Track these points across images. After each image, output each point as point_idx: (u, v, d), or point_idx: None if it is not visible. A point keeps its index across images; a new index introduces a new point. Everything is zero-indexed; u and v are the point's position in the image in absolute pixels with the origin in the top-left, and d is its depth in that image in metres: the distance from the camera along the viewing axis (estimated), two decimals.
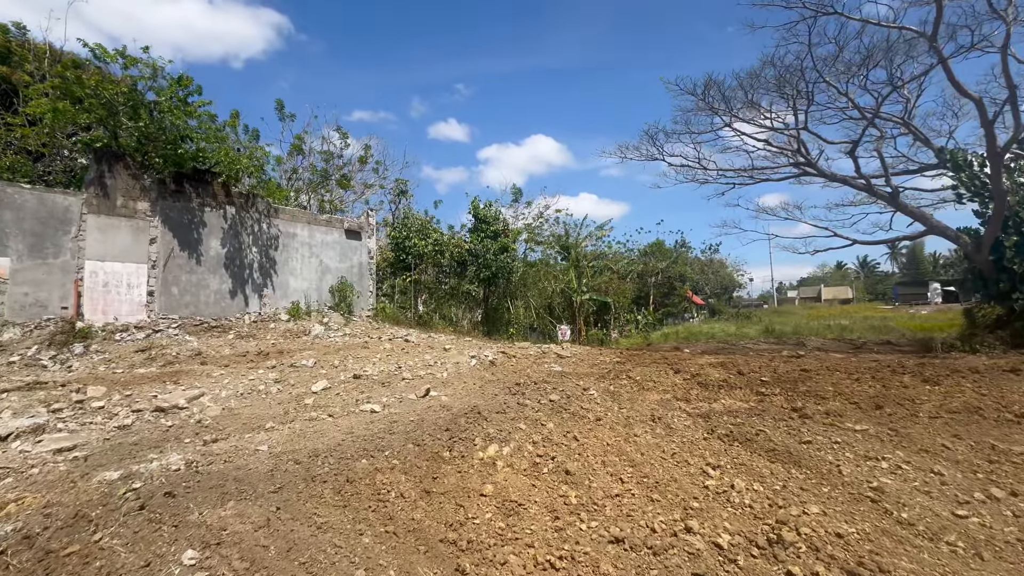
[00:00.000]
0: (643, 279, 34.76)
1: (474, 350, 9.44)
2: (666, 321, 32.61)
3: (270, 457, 4.37)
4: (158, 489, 3.68)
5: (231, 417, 5.62)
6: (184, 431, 5.16)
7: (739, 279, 58.20)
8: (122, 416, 5.68)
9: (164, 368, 7.94)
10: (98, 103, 10.45)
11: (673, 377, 6.93)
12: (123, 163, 11.00)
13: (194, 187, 12.12)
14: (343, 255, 15.39)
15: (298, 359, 8.34)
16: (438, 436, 4.80)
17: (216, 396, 6.42)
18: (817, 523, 2.81)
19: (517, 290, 23.68)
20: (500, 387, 6.61)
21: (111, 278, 10.62)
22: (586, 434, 4.99)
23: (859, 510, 3.02)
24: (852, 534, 2.71)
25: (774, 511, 3.03)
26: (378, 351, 9.34)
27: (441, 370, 7.58)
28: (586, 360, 8.56)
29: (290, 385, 6.93)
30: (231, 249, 12.66)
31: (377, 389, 6.62)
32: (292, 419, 5.53)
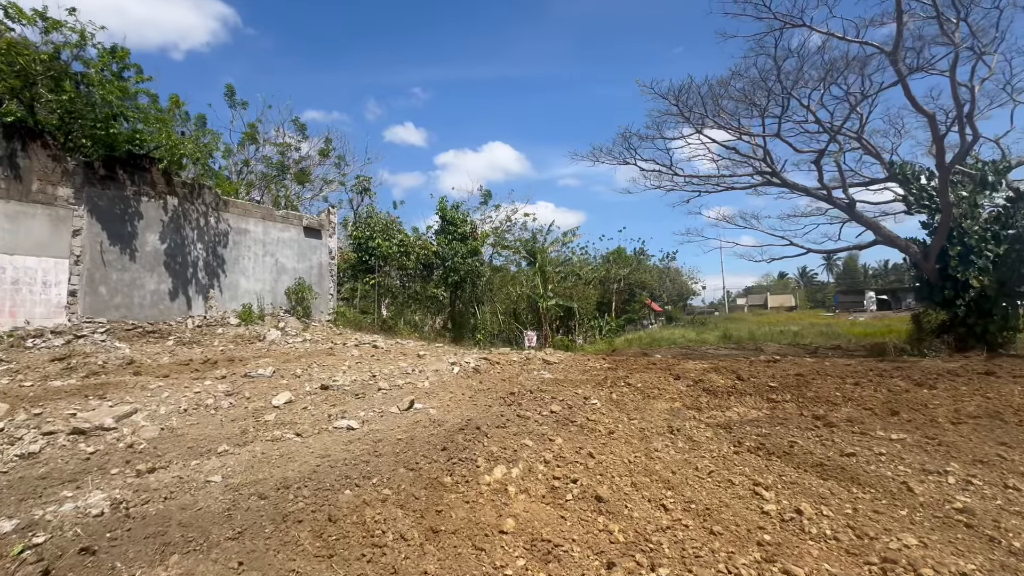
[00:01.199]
0: (605, 285, 35.04)
1: (452, 356, 8.69)
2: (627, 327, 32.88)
3: (226, 491, 3.49)
4: (70, 544, 2.75)
5: (173, 439, 4.63)
6: (110, 459, 4.15)
7: (693, 287, 60.28)
8: (27, 440, 4.56)
9: (87, 380, 6.68)
10: (10, 70, 8.96)
11: (675, 384, 6.50)
12: (40, 141, 9.49)
13: (128, 173, 10.68)
14: (301, 255, 14.18)
15: (253, 368, 7.29)
16: (434, 457, 4.06)
17: (153, 413, 5.36)
18: (928, 559, 2.35)
19: (484, 295, 23.02)
20: (493, 397, 5.93)
21: (22, 274, 9.06)
22: (601, 450, 4.41)
23: (959, 539, 2.60)
24: (975, 573, 2.26)
25: (868, 544, 2.55)
26: (345, 358, 8.40)
27: (421, 379, 6.80)
28: (576, 366, 8.02)
29: (245, 398, 5.94)
30: (172, 245, 11.26)
31: (351, 402, 5.76)
32: (251, 440, 4.61)
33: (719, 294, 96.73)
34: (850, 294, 62.11)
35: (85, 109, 9.83)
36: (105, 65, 9.91)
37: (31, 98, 9.43)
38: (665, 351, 15.04)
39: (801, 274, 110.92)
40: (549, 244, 27.54)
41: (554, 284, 25.12)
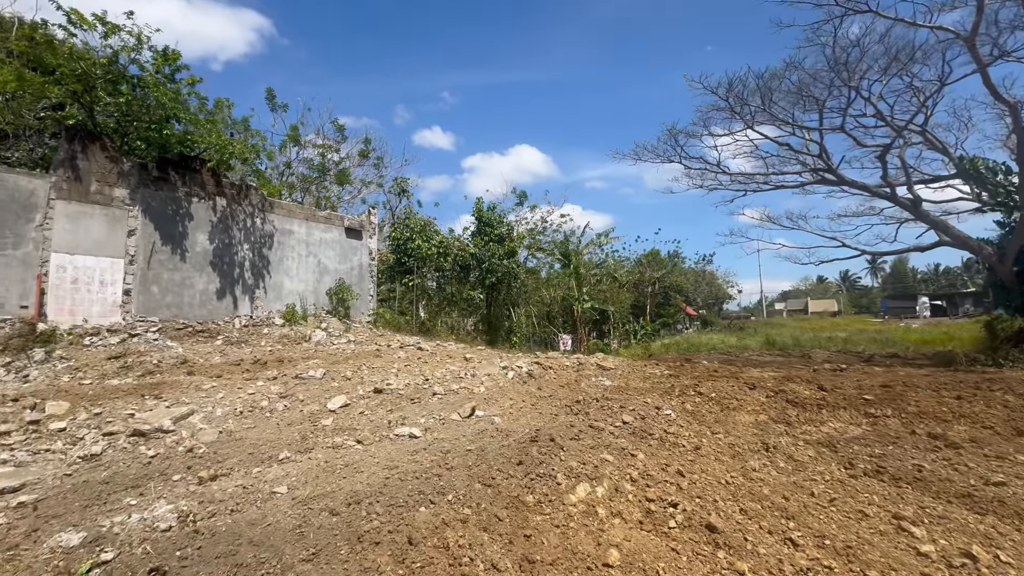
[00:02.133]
0: (639, 289, 34.23)
1: (502, 360, 8.35)
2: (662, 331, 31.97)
3: (294, 504, 3.22)
4: (139, 563, 2.51)
5: (232, 443, 4.44)
6: (172, 463, 3.97)
7: (729, 291, 58.36)
8: (89, 441, 4.45)
9: (143, 379, 6.66)
10: (72, 75, 9.17)
11: (753, 394, 5.96)
12: (99, 144, 9.69)
13: (180, 174, 10.83)
14: (343, 255, 14.17)
15: (303, 369, 7.14)
16: (510, 472, 3.71)
17: (209, 415, 5.21)
18: None
19: (519, 297, 22.68)
20: (557, 405, 5.54)
21: (81, 274, 9.25)
22: (690, 468, 3.96)
23: None
24: None
25: None
26: (393, 360, 8.18)
27: (476, 384, 6.48)
28: (634, 373, 7.56)
29: (299, 401, 5.75)
30: (220, 245, 11.37)
31: (408, 407, 5.49)
32: (311, 447, 4.37)
33: (755, 298, 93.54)
34: (899, 299, 58.90)
35: (140, 111, 10.01)
36: (158, 68, 10.06)
37: (91, 101, 9.65)
38: (706, 357, 14.33)
39: (843, 278, 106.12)
40: (584, 246, 27.02)
41: (589, 287, 24.58)
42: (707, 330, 36.82)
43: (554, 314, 24.29)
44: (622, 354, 18.11)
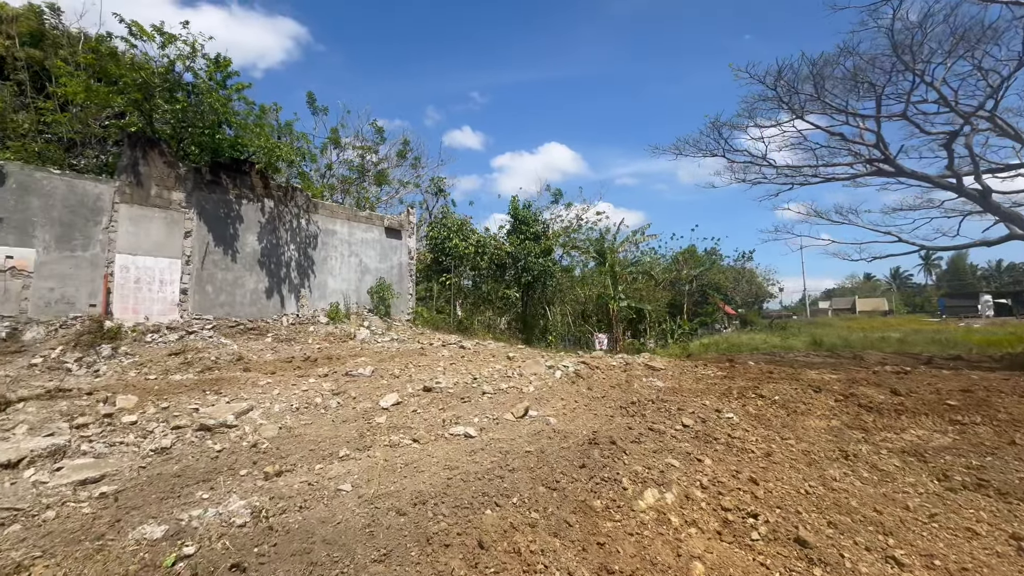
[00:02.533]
0: (676, 287, 33.41)
1: (546, 359, 8.23)
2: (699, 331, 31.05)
3: (361, 503, 3.21)
4: (220, 559, 2.54)
5: (292, 439, 4.50)
6: (238, 458, 4.05)
7: (770, 289, 56.15)
8: (159, 435, 4.61)
9: (202, 375, 6.90)
10: (133, 84, 9.62)
11: (820, 398, 5.63)
12: (158, 149, 10.14)
13: (231, 177, 11.22)
14: (383, 255, 14.38)
15: (352, 367, 7.23)
16: (574, 476, 3.60)
17: (268, 411, 5.32)
18: None
19: (554, 295, 22.48)
20: (611, 407, 5.39)
21: (143, 273, 9.71)
22: (764, 475, 3.74)
23: None
24: None
25: None
26: (437, 358, 8.19)
27: (524, 383, 6.39)
28: (686, 374, 7.29)
29: (352, 398, 5.81)
30: (268, 245, 11.72)
31: (459, 406, 5.45)
32: (369, 444, 4.38)
33: (796, 296, 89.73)
34: (957, 297, 55.28)
35: (195, 118, 10.42)
36: (211, 75, 10.44)
37: (150, 109, 10.12)
38: (750, 357, 13.76)
39: (893, 275, 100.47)
40: (619, 244, 26.57)
41: (624, 285, 24.13)
42: (747, 330, 35.58)
43: (589, 313, 23.96)
44: (659, 353, 17.68)
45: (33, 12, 12.06)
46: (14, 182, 8.41)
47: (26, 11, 12.13)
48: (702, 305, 34.89)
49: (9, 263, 8.23)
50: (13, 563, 2.65)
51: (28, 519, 3.14)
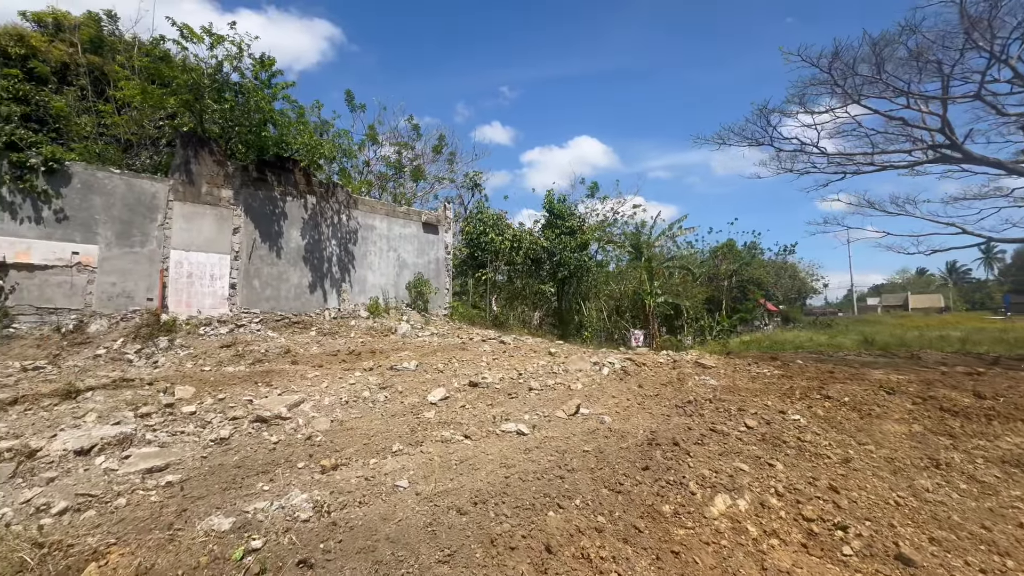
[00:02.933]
0: (714, 282, 32.38)
1: (591, 356, 8.04)
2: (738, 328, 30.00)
3: (420, 500, 3.14)
4: (287, 554, 2.51)
5: (345, 433, 4.50)
6: (294, 451, 4.07)
7: (814, 284, 53.71)
8: (217, 425, 4.71)
9: (253, 367, 7.07)
10: (185, 85, 9.94)
11: (895, 400, 5.23)
12: (208, 148, 10.47)
13: (276, 175, 11.49)
14: (420, 250, 14.46)
15: (396, 361, 7.25)
16: (637, 478, 3.42)
17: (318, 404, 5.36)
18: None
19: (588, 291, 22.12)
20: (666, 405, 5.16)
21: (195, 269, 10.07)
22: (844, 483, 3.46)
23: None
24: None
25: None
26: (479, 353, 8.13)
27: (571, 379, 6.23)
28: (739, 372, 6.96)
29: (399, 393, 5.79)
30: (311, 241, 11.96)
31: (507, 402, 5.34)
32: (421, 440, 4.33)
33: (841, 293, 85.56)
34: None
35: (242, 116, 10.69)
36: (256, 74, 10.67)
37: (200, 110, 10.44)
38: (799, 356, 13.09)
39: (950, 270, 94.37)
40: (655, 238, 25.93)
41: (661, 280, 23.53)
42: (789, 327, 34.16)
43: (623, 308, 23.48)
44: (698, 350, 17.07)
45: (92, 19, 12.66)
46: (78, 181, 8.84)
47: (86, 19, 12.75)
48: (741, 301, 33.74)
49: (75, 259, 8.67)
50: (90, 548, 2.71)
51: (101, 505, 3.23)
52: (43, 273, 8.40)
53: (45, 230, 8.47)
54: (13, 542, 2.71)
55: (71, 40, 12.23)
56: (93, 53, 12.45)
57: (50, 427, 4.61)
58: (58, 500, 3.25)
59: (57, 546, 2.70)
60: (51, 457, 3.82)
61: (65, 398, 5.44)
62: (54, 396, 5.46)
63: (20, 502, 3.25)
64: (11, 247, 8.11)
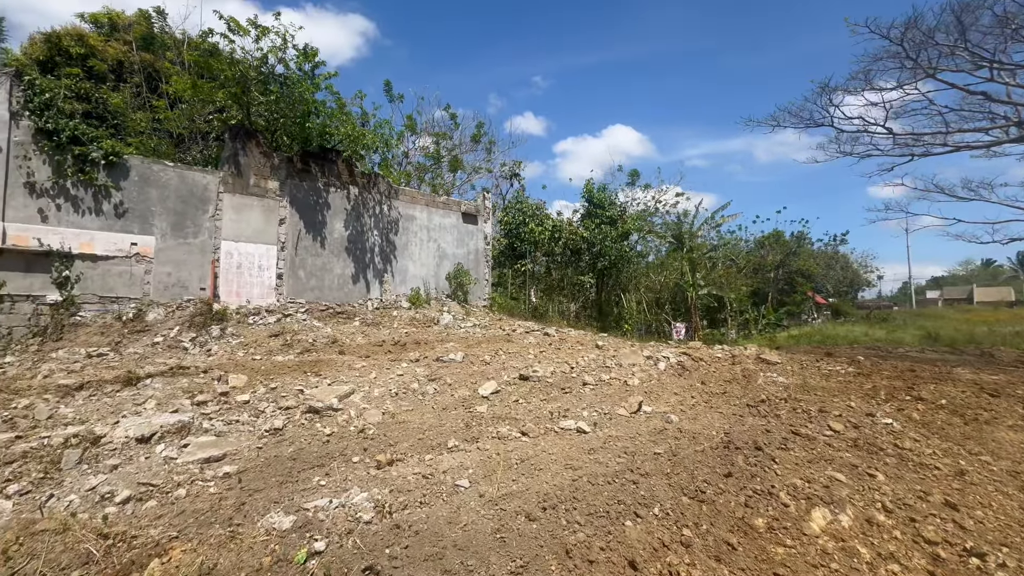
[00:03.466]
0: (759, 274, 30.95)
1: (639, 349, 7.66)
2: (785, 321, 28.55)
3: (484, 504, 2.93)
4: (352, 559, 2.35)
5: (397, 426, 4.36)
6: (347, 444, 3.95)
7: (867, 276, 50.68)
8: (270, 414, 4.67)
9: (302, 356, 7.09)
10: (232, 78, 10.08)
11: (1000, 403, 4.65)
12: (255, 140, 10.61)
13: (319, 166, 11.56)
14: (460, 240, 14.34)
15: (442, 352, 7.11)
16: (720, 486, 3.10)
17: (368, 395, 5.26)
18: None
19: (628, 282, 21.51)
20: (735, 404, 4.77)
21: (244, 259, 10.26)
22: (963, 500, 3.02)
23: None
24: None
25: None
26: (525, 345, 7.90)
27: (625, 374, 5.91)
28: (806, 368, 6.44)
29: (448, 385, 5.63)
30: (354, 232, 12.01)
31: (562, 397, 5.08)
32: (476, 436, 4.13)
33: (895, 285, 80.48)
34: None
35: (286, 108, 10.77)
36: (300, 65, 10.70)
37: (247, 102, 10.58)
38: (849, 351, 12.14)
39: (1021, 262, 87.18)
40: (698, 227, 24.94)
41: (703, 271, 22.65)
42: (839, 321, 32.35)
43: (663, 300, 22.73)
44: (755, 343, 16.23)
45: (143, 17, 13.06)
46: (136, 174, 9.11)
47: (137, 17, 13.17)
48: (788, 294, 32.14)
49: (134, 249, 8.96)
50: (152, 540, 2.64)
51: (162, 495, 3.19)
52: (105, 263, 8.72)
53: (106, 222, 8.78)
54: (79, 532, 2.67)
55: (125, 38, 12.66)
56: (145, 50, 12.86)
57: (112, 413, 4.69)
58: (121, 488, 3.23)
59: (121, 537, 2.64)
60: (114, 444, 3.84)
61: (126, 384, 5.56)
62: (116, 382, 5.59)
63: (86, 489, 3.25)
64: (76, 238, 8.44)
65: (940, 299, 62.67)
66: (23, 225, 8.02)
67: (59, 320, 8.02)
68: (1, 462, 3.53)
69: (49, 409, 4.68)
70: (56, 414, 4.57)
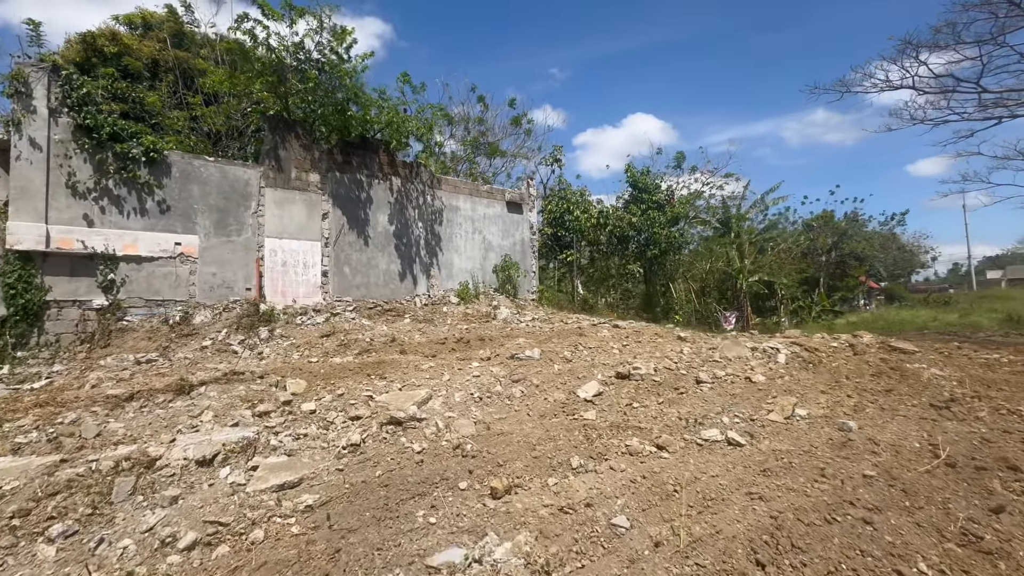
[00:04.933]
0: (808, 258, 29.11)
1: (735, 340, 6.69)
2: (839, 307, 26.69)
3: (667, 557, 2.12)
4: None
5: (497, 439, 3.59)
6: (447, 465, 3.20)
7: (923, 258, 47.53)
8: (341, 426, 3.98)
9: (362, 357, 6.44)
10: (268, 66, 9.54)
11: None
12: (294, 132, 10.08)
13: (360, 157, 10.95)
14: (505, 231, 13.55)
15: (514, 349, 6.34)
16: (996, 527, 2.19)
17: (448, 400, 4.53)
18: None
19: (674, 271, 20.32)
20: (910, 404, 3.82)
21: (288, 257, 9.75)
22: None
23: None
24: None
25: None
26: (601, 339, 7.04)
27: (740, 369, 5.01)
28: (952, 357, 5.37)
29: (535, 386, 4.84)
30: (398, 226, 11.38)
31: (681, 399, 4.22)
32: (602, 451, 3.32)
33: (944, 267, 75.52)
34: None
35: (324, 96, 10.19)
36: (334, 48, 10.07)
37: (285, 92, 10.04)
38: (922, 339, 10.71)
39: None
40: (747, 210, 23.47)
41: (752, 257, 21.26)
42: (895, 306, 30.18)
43: (708, 288, 21.42)
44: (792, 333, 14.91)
45: (172, 13, 12.72)
46: (176, 171, 8.67)
47: (167, 15, 12.85)
48: (841, 278, 30.15)
49: (178, 249, 8.53)
50: None
51: (235, 539, 2.51)
52: (150, 265, 8.31)
53: (149, 221, 8.37)
54: None
55: (159, 36, 12.34)
56: (178, 47, 12.52)
57: (167, 427, 4.10)
58: (184, 529, 2.57)
59: None
60: (172, 468, 3.20)
61: (179, 393, 5.00)
62: (167, 391, 5.04)
63: (142, 530, 2.61)
64: (119, 239, 8.05)
65: (1004, 279, 58.42)
66: (66, 227, 7.64)
67: (106, 325, 7.63)
68: (44, 493, 2.92)
69: (98, 424, 4.12)
70: (105, 430, 4.00)
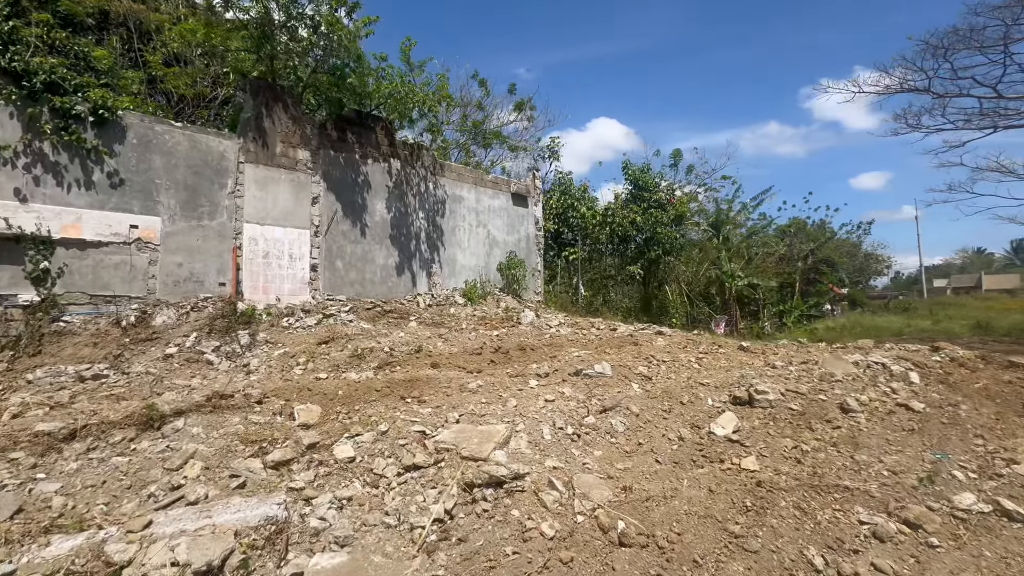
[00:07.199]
0: (786, 263, 29.46)
1: (819, 351, 5.79)
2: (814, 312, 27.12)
3: None
4: None
5: (655, 511, 2.44)
6: (610, 561, 2.02)
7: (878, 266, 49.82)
8: (399, 487, 2.73)
9: (383, 372, 5.10)
10: (253, 20, 7.99)
11: None
12: (281, 102, 8.54)
13: (355, 133, 9.51)
14: (510, 225, 12.35)
15: (574, 363, 5.18)
16: None
17: (535, 439, 3.32)
18: None
19: (668, 273, 19.79)
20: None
21: (271, 246, 8.21)
22: None
23: None
24: None
25: None
26: (657, 349, 5.99)
27: (881, 394, 4.04)
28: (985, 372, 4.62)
29: (635, 416, 3.71)
30: (396, 214, 9.98)
31: (850, 438, 3.19)
32: (840, 539, 2.22)
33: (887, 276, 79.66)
34: None
35: (319, 62, 8.71)
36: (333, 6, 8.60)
37: (271, 52, 8.47)
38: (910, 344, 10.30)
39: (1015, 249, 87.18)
40: (737, 212, 23.34)
41: (740, 261, 21.10)
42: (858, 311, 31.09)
43: (695, 292, 21.05)
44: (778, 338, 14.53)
45: None
46: (134, 136, 7.01)
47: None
48: (813, 284, 30.76)
49: (135, 233, 6.87)
50: None
51: None
52: (97, 252, 6.63)
53: (97, 197, 6.68)
54: None
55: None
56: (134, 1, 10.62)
57: (131, 490, 2.72)
58: None
59: None
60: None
61: (144, 428, 3.55)
62: (127, 425, 3.58)
63: None
64: (57, 218, 6.34)
65: (948, 287, 62.03)
66: None
67: (36, 327, 5.92)
68: None
69: (17, 485, 2.68)
70: (31, 498, 2.57)
